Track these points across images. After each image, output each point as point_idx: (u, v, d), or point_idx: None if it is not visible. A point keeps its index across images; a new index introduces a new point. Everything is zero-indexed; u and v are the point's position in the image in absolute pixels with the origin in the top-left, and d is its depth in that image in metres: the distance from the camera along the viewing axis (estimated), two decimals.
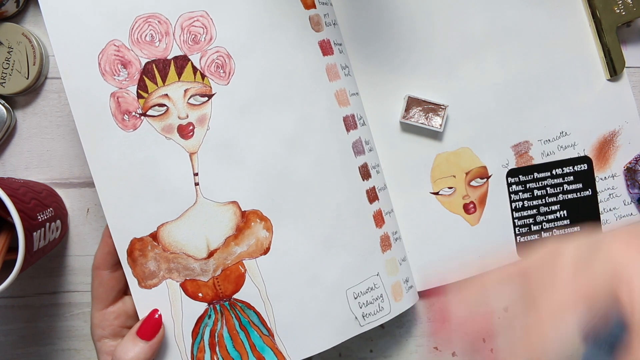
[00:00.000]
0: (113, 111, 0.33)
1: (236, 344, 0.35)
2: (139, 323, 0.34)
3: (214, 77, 0.34)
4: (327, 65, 0.38)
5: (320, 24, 0.38)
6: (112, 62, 0.33)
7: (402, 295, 0.40)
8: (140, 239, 0.34)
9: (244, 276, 0.35)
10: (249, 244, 0.35)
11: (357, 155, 0.39)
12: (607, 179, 0.46)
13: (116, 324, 0.35)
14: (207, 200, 0.34)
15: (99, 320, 0.35)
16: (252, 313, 0.36)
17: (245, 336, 0.36)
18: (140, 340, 0.33)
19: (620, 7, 0.44)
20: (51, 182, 0.43)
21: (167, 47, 0.33)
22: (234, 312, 0.35)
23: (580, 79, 0.45)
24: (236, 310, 0.35)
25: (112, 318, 0.35)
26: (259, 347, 0.36)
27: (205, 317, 0.35)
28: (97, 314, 0.35)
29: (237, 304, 0.35)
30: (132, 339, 0.33)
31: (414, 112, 0.42)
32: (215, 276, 0.35)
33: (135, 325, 0.34)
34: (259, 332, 0.36)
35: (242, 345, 0.35)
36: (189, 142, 0.34)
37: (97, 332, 0.35)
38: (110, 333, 0.35)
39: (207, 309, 0.35)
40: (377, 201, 0.39)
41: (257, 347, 0.36)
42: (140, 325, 0.33)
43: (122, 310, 0.35)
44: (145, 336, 0.33)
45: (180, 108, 0.34)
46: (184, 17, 0.33)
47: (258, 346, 0.36)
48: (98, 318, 0.35)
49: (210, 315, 0.35)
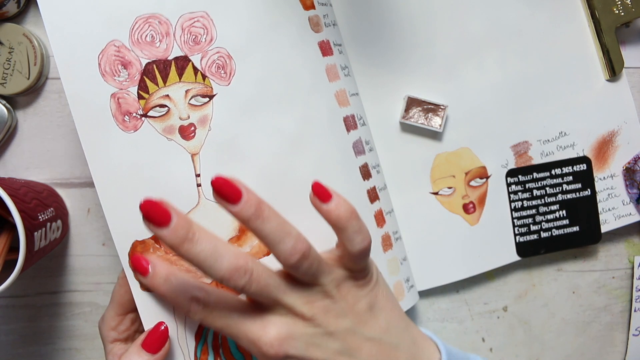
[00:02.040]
0: (113, 112, 0.33)
1: (240, 346, 0.35)
2: (144, 335, 0.33)
3: (214, 77, 0.34)
4: (327, 65, 0.38)
5: (319, 24, 0.38)
6: (112, 62, 0.32)
7: (403, 294, 0.40)
8: (142, 242, 0.33)
9: None
10: (252, 245, 0.35)
11: (358, 155, 0.39)
12: (606, 179, 0.46)
13: (133, 328, 0.35)
14: (210, 201, 0.34)
15: (115, 323, 0.35)
16: None
17: None
18: (145, 352, 0.32)
19: (619, 7, 0.44)
20: (52, 182, 0.43)
21: (168, 47, 0.33)
22: None
23: (579, 80, 0.45)
24: None
25: (129, 323, 0.35)
26: None
27: None
28: (116, 317, 0.35)
29: None
30: (137, 351, 0.32)
31: (414, 112, 0.43)
32: None
33: (141, 336, 0.33)
34: None
35: None
36: (191, 143, 0.34)
37: (110, 334, 0.35)
38: (125, 337, 0.35)
39: None
40: (377, 201, 0.40)
41: None
42: (145, 338, 0.33)
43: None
44: (151, 349, 0.32)
45: (181, 109, 0.34)
46: (184, 18, 0.33)
47: None
48: (115, 321, 0.35)
49: None
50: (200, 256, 0.27)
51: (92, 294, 0.43)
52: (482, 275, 0.45)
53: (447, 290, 0.46)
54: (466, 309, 0.47)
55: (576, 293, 0.48)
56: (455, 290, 0.46)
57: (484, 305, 0.47)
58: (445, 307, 0.46)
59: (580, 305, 0.48)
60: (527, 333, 0.48)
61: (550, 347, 0.48)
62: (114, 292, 0.35)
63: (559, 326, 0.48)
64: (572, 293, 0.48)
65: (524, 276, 0.47)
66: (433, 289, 0.45)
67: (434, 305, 0.46)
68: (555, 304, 0.48)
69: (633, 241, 0.48)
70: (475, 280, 0.46)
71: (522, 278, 0.47)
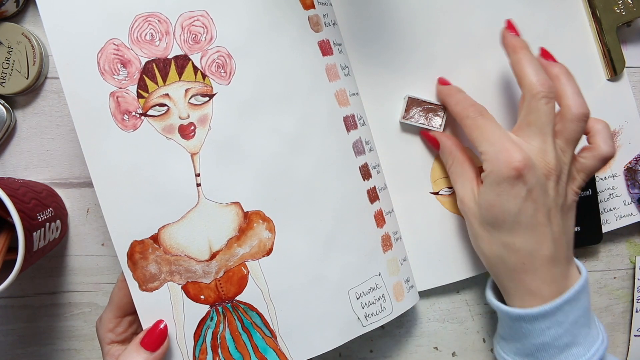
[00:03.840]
0: (112, 111, 0.33)
1: (239, 345, 0.35)
2: (142, 333, 0.33)
3: (214, 76, 0.34)
4: (327, 65, 0.38)
5: (319, 24, 0.38)
6: (112, 61, 0.32)
7: (403, 295, 0.40)
8: (140, 242, 0.33)
9: (247, 278, 0.35)
10: (252, 245, 0.35)
11: (358, 155, 0.39)
12: (608, 179, 0.46)
13: (130, 331, 0.35)
14: (209, 201, 0.34)
15: (113, 325, 0.35)
16: (254, 314, 0.35)
17: (247, 338, 0.35)
18: (144, 350, 0.32)
19: (621, 7, 0.44)
20: (51, 182, 0.42)
21: (168, 46, 0.33)
22: (236, 314, 0.35)
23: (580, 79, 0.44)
24: (239, 312, 0.35)
25: (126, 325, 0.35)
26: (262, 349, 0.35)
27: (208, 319, 0.35)
28: (113, 320, 0.35)
29: (240, 305, 0.35)
30: (136, 349, 0.32)
31: (414, 112, 0.42)
32: (217, 278, 0.35)
33: (140, 335, 0.33)
34: (262, 334, 0.35)
35: (245, 347, 0.35)
36: (190, 143, 0.34)
37: (108, 336, 0.35)
38: (122, 339, 0.35)
39: (209, 311, 0.35)
40: (377, 201, 0.39)
41: (260, 349, 0.35)
42: (144, 336, 0.33)
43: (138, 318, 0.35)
44: (150, 347, 0.33)
45: (181, 108, 0.33)
46: (184, 17, 0.33)
47: (261, 348, 0.35)
48: (113, 323, 0.35)
49: (212, 317, 0.35)
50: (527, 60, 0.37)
51: (91, 295, 0.43)
52: (482, 276, 0.45)
53: (447, 290, 0.46)
54: (467, 309, 0.47)
55: None
56: (456, 290, 0.46)
57: (484, 306, 0.47)
58: (445, 308, 0.46)
59: None
60: None
61: None
62: (113, 294, 0.35)
63: None
64: None
65: None
66: (433, 289, 0.45)
67: (434, 306, 0.46)
68: None
69: (634, 241, 0.48)
70: (476, 280, 0.46)
71: None
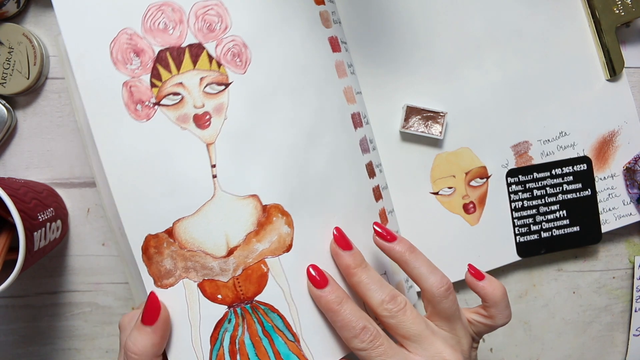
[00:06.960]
0: (125, 101, 0.31)
1: (259, 351, 0.33)
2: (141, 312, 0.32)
3: (230, 65, 0.33)
4: (337, 61, 0.37)
5: (329, 20, 0.38)
6: (125, 50, 0.31)
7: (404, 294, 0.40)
8: (155, 236, 0.32)
9: (267, 276, 0.33)
10: (271, 240, 0.33)
11: (364, 153, 0.38)
12: (607, 179, 0.46)
13: None
14: (226, 193, 0.32)
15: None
16: (275, 316, 0.33)
17: (269, 343, 0.33)
18: (144, 327, 0.31)
19: (620, 7, 0.44)
20: (52, 182, 0.43)
21: (182, 34, 0.32)
22: (256, 315, 0.33)
23: (579, 79, 0.45)
24: (258, 313, 0.33)
25: None
26: (284, 355, 0.33)
27: (225, 321, 0.33)
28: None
29: (260, 306, 0.33)
30: (138, 327, 0.31)
31: (414, 121, 0.42)
32: (235, 276, 0.33)
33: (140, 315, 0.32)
34: (284, 338, 0.33)
35: (266, 354, 0.33)
36: (206, 132, 0.32)
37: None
38: None
39: (227, 312, 0.33)
40: (381, 200, 0.39)
41: (282, 355, 0.33)
42: (143, 313, 0.32)
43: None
44: (148, 321, 0.31)
45: (196, 97, 0.32)
46: (198, 6, 0.32)
47: (283, 354, 0.33)
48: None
49: (230, 319, 0.33)
50: (367, 281, 0.33)
51: (91, 294, 0.43)
52: None
53: None
54: None
55: (576, 293, 0.48)
56: (455, 290, 0.46)
57: None
58: None
59: (580, 306, 0.48)
60: (528, 333, 0.48)
61: (550, 347, 0.48)
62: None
63: (559, 326, 0.48)
64: (573, 293, 0.48)
65: (524, 276, 0.47)
66: None
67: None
68: (556, 304, 0.48)
69: (633, 241, 0.48)
70: None
71: (522, 278, 0.47)
